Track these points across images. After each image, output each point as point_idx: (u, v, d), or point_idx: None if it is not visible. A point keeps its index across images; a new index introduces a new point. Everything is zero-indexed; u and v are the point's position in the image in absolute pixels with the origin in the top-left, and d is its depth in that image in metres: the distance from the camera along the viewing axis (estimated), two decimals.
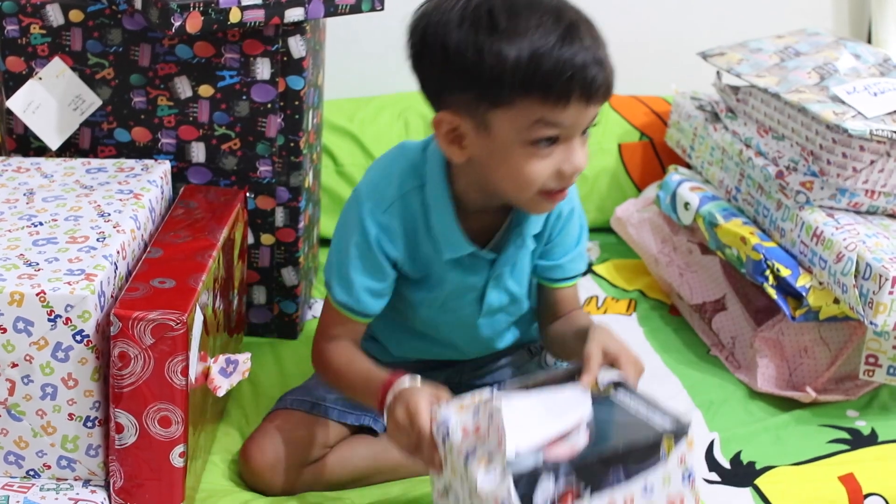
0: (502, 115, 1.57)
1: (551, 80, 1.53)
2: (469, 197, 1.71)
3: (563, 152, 1.59)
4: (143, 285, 1.65)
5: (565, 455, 1.44)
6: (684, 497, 1.51)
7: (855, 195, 2.07)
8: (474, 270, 1.76)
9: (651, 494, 1.48)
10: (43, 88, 2.01)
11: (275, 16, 1.93)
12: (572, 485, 1.44)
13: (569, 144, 1.59)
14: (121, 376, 1.59)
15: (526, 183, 1.60)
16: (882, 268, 1.90)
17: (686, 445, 1.49)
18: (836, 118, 2.00)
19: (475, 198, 1.71)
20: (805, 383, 2.10)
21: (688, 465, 1.50)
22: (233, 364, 1.75)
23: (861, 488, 1.86)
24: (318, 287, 2.43)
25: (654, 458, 1.47)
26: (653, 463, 1.47)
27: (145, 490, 1.65)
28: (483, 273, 1.77)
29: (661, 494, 1.49)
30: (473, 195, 1.70)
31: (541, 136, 1.57)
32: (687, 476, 1.50)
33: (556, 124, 1.56)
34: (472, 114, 1.59)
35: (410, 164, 1.74)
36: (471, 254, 1.73)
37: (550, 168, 1.59)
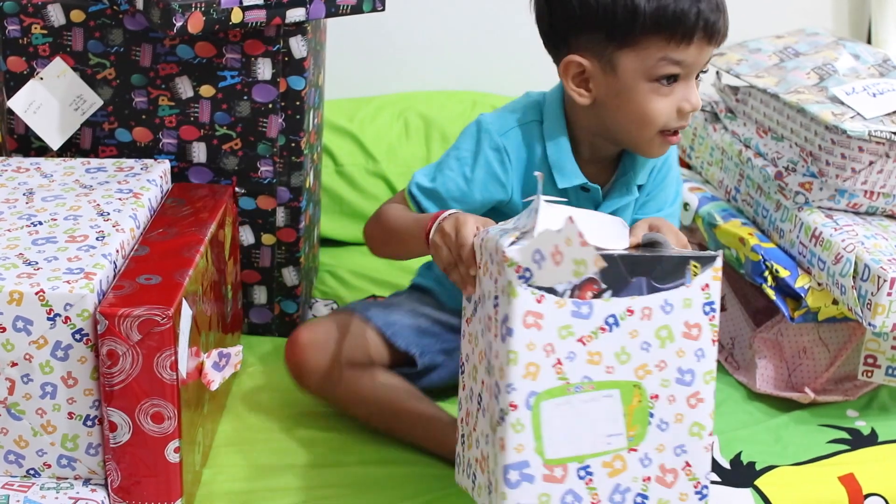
0: (629, 54, 1.73)
1: (678, 21, 1.70)
2: (583, 143, 1.85)
3: (682, 90, 1.75)
4: (129, 283, 1.65)
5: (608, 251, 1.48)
6: (702, 327, 1.52)
7: (854, 196, 2.06)
8: (580, 205, 1.78)
9: (669, 313, 1.51)
10: (44, 88, 2.01)
11: (276, 16, 1.93)
12: (595, 279, 1.47)
13: (687, 83, 1.76)
14: (110, 374, 1.60)
15: (649, 119, 1.75)
16: (880, 269, 1.90)
17: (711, 273, 1.51)
18: (834, 119, 2.00)
19: (590, 143, 1.85)
20: (804, 384, 2.10)
21: (711, 294, 1.52)
22: (225, 357, 1.76)
23: (861, 488, 1.86)
24: (318, 287, 2.44)
25: (679, 278, 1.50)
26: (677, 282, 1.50)
27: (143, 487, 1.65)
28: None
29: (679, 315, 1.51)
30: (589, 140, 1.85)
31: (664, 73, 1.73)
32: (708, 306, 1.52)
33: (679, 62, 1.73)
34: (600, 55, 1.74)
35: (533, 102, 1.88)
36: (581, 187, 1.85)
37: (671, 105, 1.75)
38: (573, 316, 1.48)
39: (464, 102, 2.69)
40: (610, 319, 1.49)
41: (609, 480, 1.52)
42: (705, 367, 1.53)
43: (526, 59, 2.61)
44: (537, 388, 1.48)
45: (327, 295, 2.41)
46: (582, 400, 1.50)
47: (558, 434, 1.49)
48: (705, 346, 1.53)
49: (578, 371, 1.49)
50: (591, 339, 1.49)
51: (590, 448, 1.51)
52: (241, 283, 2.15)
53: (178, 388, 1.62)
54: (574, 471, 1.51)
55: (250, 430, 1.94)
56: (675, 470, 1.54)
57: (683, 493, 1.54)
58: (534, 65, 2.03)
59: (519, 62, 2.69)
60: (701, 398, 1.53)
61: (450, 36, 2.79)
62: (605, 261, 1.45)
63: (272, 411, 2.00)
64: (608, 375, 1.50)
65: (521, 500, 1.49)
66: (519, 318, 1.47)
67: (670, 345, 1.52)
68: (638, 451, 1.53)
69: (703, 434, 1.53)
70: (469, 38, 2.80)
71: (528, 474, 1.49)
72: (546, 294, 1.47)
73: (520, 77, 2.28)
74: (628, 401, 1.51)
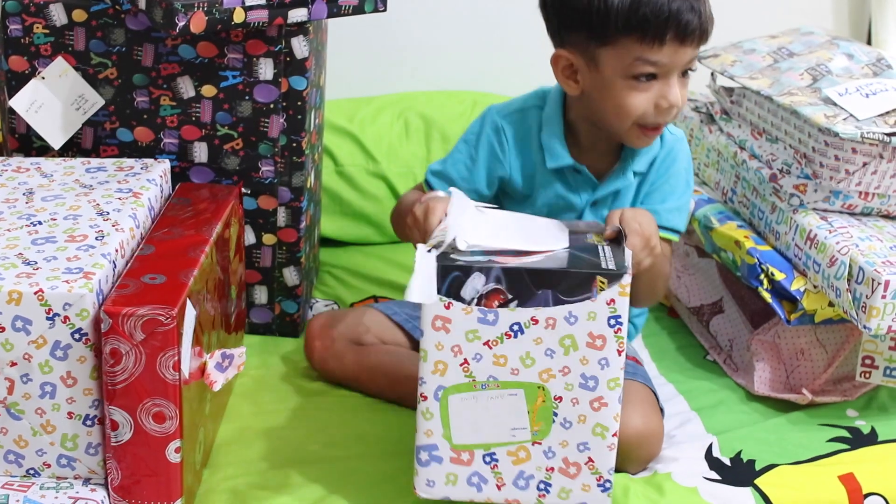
0: (608, 52, 1.81)
1: (648, 23, 1.77)
2: (579, 128, 1.94)
3: (660, 88, 1.82)
4: (134, 282, 1.65)
5: (515, 262, 1.61)
6: (606, 338, 1.61)
7: (848, 197, 2.06)
8: (577, 189, 1.95)
9: (574, 324, 1.60)
10: (46, 88, 2.02)
11: (278, 16, 1.94)
12: (502, 289, 1.60)
13: (666, 81, 1.82)
14: (113, 373, 1.60)
15: (625, 112, 1.83)
16: (874, 272, 1.89)
17: (618, 290, 1.58)
18: (827, 121, 1.99)
19: (585, 129, 1.93)
20: (802, 385, 2.10)
21: (617, 308, 1.59)
22: (228, 358, 1.76)
23: (861, 488, 1.86)
24: (318, 287, 2.44)
25: (585, 292, 1.59)
26: (583, 296, 1.59)
27: (143, 486, 1.66)
28: (585, 195, 1.95)
29: (583, 327, 1.60)
30: (583, 126, 1.93)
31: (640, 72, 1.80)
32: (614, 320, 1.60)
33: (653, 62, 1.79)
34: (584, 51, 1.83)
35: (540, 92, 1.99)
36: (574, 169, 1.93)
37: (648, 101, 1.82)
38: (479, 322, 1.61)
39: (464, 102, 2.69)
40: (515, 327, 1.61)
41: (513, 467, 1.67)
42: (610, 375, 1.63)
43: (526, 59, 2.61)
44: (445, 384, 1.64)
45: (327, 295, 2.41)
46: (488, 396, 1.64)
47: (465, 424, 1.65)
48: (610, 356, 1.62)
49: (485, 371, 1.63)
50: (496, 344, 1.62)
51: (495, 438, 1.66)
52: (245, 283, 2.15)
53: (181, 388, 1.62)
54: (480, 456, 1.67)
55: (251, 430, 1.94)
56: (578, 464, 1.66)
57: (586, 484, 1.67)
58: (533, 65, 2.04)
59: (519, 62, 2.69)
60: (605, 402, 1.64)
61: (450, 36, 2.79)
62: (512, 273, 1.59)
63: (273, 411, 2.00)
64: (513, 377, 1.64)
65: (430, 476, 1.68)
66: (428, 321, 1.62)
67: (574, 353, 1.62)
68: (542, 445, 1.66)
69: (606, 434, 1.65)
70: (469, 38, 2.80)
71: (437, 456, 1.67)
72: (454, 301, 1.61)
73: (520, 77, 2.28)
74: (532, 400, 1.64)
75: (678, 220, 1.96)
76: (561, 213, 1.95)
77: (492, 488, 1.69)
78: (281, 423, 1.96)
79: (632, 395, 1.88)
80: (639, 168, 1.95)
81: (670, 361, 2.22)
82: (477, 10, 2.79)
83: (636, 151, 1.94)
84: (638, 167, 1.95)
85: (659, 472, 1.86)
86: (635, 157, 1.94)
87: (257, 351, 2.17)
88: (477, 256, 1.62)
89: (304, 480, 1.82)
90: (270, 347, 2.19)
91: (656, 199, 1.96)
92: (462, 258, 1.62)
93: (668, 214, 1.94)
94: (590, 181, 1.95)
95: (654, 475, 1.86)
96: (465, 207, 1.71)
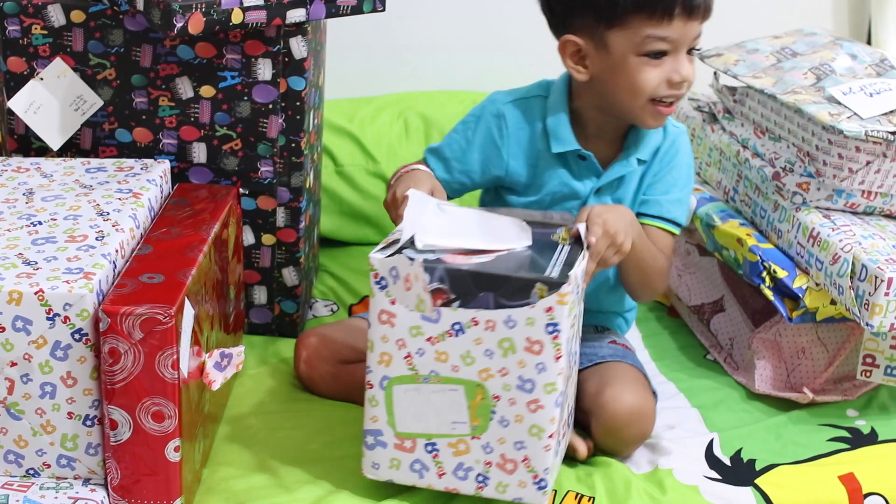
0: (617, 33, 1.85)
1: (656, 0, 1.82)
2: (587, 114, 1.96)
3: (671, 63, 1.86)
4: (132, 281, 1.65)
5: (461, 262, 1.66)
6: (544, 344, 1.65)
7: (851, 196, 2.06)
8: (581, 176, 1.97)
9: (513, 328, 1.64)
10: (44, 89, 2.01)
11: (276, 17, 1.93)
12: (445, 289, 1.65)
13: (676, 56, 1.86)
14: (112, 372, 1.60)
15: (639, 89, 1.86)
16: (877, 269, 1.90)
17: (556, 298, 1.62)
18: (831, 119, 2.00)
19: (592, 116, 1.95)
20: (803, 384, 2.10)
21: (555, 317, 1.63)
22: (227, 357, 1.76)
23: (861, 487, 1.87)
24: (318, 287, 2.44)
25: (524, 298, 1.63)
26: (522, 302, 1.63)
27: (142, 486, 1.66)
28: (589, 182, 1.97)
29: (521, 331, 1.64)
30: (591, 113, 1.95)
31: (651, 49, 1.84)
32: (552, 327, 1.64)
33: (664, 38, 1.84)
34: (592, 35, 1.87)
35: (544, 82, 2.01)
36: (579, 155, 1.95)
37: (661, 76, 1.86)
38: (423, 319, 1.67)
39: (464, 102, 2.68)
40: (456, 326, 1.66)
41: (453, 458, 1.73)
42: (546, 380, 1.67)
43: (526, 59, 2.61)
44: (389, 374, 1.71)
45: (327, 295, 2.41)
46: (430, 390, 1.70)
47: (407, 413, 1.72)
48: (547, 361, 1.66)
49: (427, 365, 1.69)
50: (438, 341, 1.68)
51: (436, 429, 1.72)
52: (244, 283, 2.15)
53: (179, 388, 1.62)
54: (422, 445, 1.73)
55: (250, 430, 1.94)
56: (514, 461, 1.71)
57: (522, 481, 1.72)
58: (533, 65, 2.04)
59: (519, 62, 2.69)
60: (541, 405, 1.68)
61: (450, 36, 2.79)
62: (455, 274, 1.64)
63: (273, 411, 2.00)
64: (454, 373, 1.69)
65: (375, 459, 1.75)
66: (375, 315, 1.69)
67: (512, 355, 1.66)
68: (481, 440, 1.71)
69: (542, 435, 1.69)
70: (469, 38, 2.80)
71: (382, 441, 1.74)
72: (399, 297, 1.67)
73: (520, 77, 2.27)
74: (472, 397, 1.69)
75: (679, 213, 1.98)
76: (564, 202, 1.97)
77: (433, 476, 1.75)
78: (281, 422, 1.96)
79: (622, 374, 1.92)
80: (643, 156, 1.97)
81: (671, 361, 2.22)
82: (477, 10, 2.79)
83: (640, 139, 1.96)
84: (642, 155, 1.97)
85: (661, 468, 1.86)
86: (639, 145, 1.96)
87: (257, 351, 2.17)
88: (426, 255, 1.68)
89: (304, 480, 1.82)
90: (270, 347, 2.19)
91: (659, 189, 1.98)
92: (411, 256, 1.67)
93: (671, 206, 1.97)
94: (594, 168, 1.96)
95: (656, 471, 1.86)
96: (424, 206, 1.75)
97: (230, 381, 2.02)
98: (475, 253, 1.70)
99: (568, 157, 1.96)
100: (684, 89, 1.88)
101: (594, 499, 1.81)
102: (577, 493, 1.82)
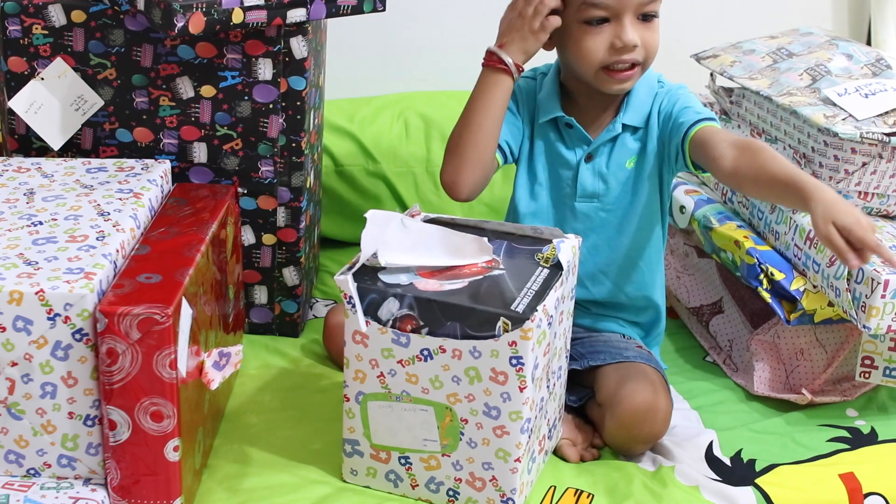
0: (565, 3, 1.91)
1: None
2: (571, 85, 2.02)
3: (613, 29, 1.90)
4: (130, 281, 1.66)
5: (431, 290, 1.70)
6: (508, 375, 1.68)
7: (848, 197, 2.06)
8: (571, 144, 2.03)
9: (478, 358, 1.68)
10: (45, 89, 2.02)
11: (277, 16, 1.94)
12: (414, 316, 1.69)
13: (619, 22, 1.90)
14: (110, 373, 1.60)
15: (586, 57, 1.92)
16: (874, 272, 1.90)
17: (520, 333, 1.65)
18: (826, 121, 2.00)
19: (575, 86, 2.01)
20: (802, 385, 2.10)
21: (519, 351, 1.66)
22: (225, 357, 1.76)
23: (861, 487, 1.87)
24: (318, 287, 2.44)
25: (489, 330, 1.67)
26: (487, 334, 1.67)
27: (142, 486, 1.66)
28: (579, 150, 2.02)
29: (486, 362, 1.68)
30: (573, 83, 2.01)
31: (590, 16, 1.90)
32: (515, 360, 1.67)
33: (599, 5, 1.89)
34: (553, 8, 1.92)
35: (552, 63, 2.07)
36: (567, 124, 2.01)
37: (603, 43, 1.91)
38: (393, 342, 1.72)
39: (464, 102, 2.67)
40: (425, 352, 1.71)
41: (426, 472, 1.78)
42: (511, 408, 1.70)
43: None
44: (364, 390, 1.76)
45: (327, 295, 2.41)
46: (402, 408, 1.75)
47: (381, 427, 1.77)
48: (511, 391, 1.69)
49: (398, 385, 1.74)
50: (409, 364, 1.72)
51: (408, 444, 1.77)
52: (243, 283, 2.15)
53: (178, 387, 1.62)
54: (396, 457, 1.78)
55: (251, 430, 1.95)
56: (483, 479, 1.75)
57: (491, 498, 1.76)
58: (533, 64, 2.03)
59: None
60: (507, 431, 1.71)
61: (450, 36, 2.79)
62: (423, 303, 1.68)
63: (272, 411, 2.00)
64: (424, 395, 1.73)
65: (353, 466, 1.81)
66: (349, 334, 1.74)
67: (478, 383, 1.70)
68: (451, 457, 1.76)
69: (508, 458, 1.73)
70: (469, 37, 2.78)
71: (359, 450, 1.80)
72: (371, 320, 1.71)
73: None
74: (441, 418, 1.74)
75: (702, 110, 1.98)
76: (559, 170, 2.03)
77: (407, 486, 1.80)
78: (281, 422, 1.96)
79: (643, 373, 1.93)
80: (631, 121, 2.00)
81: (670, 362, 2.22)
82: (477, 10, 2.78)
83: (628, 105, 2.00)
84: (630, 120, 2.00)
85: (661, 468, 1.87)
86: (627, 110, 2.00)
87: (257, 351, 2.17)
88: (398, 277, 1.73)
89: (304, 480, 1.82)
90: (270, 347, 2.19)
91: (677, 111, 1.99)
92: (385, 279, 1.73)
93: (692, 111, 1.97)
94: (582, 136, 2.01)
95: (657, 470, 1.87)
96: (386, 223, 1.79)
97: (230, 381, 2.03)
98: (447, 272, 1.75)
99: (559, 127, 2.02)
100: (636, 54, 1.91)
101: (594, 496, 1.81)
102: (577, 490, 1.82)
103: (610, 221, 2.03)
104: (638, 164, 2.01)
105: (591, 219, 2.03)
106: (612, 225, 2.03)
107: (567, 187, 2.03)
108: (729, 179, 1.87)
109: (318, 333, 2.23)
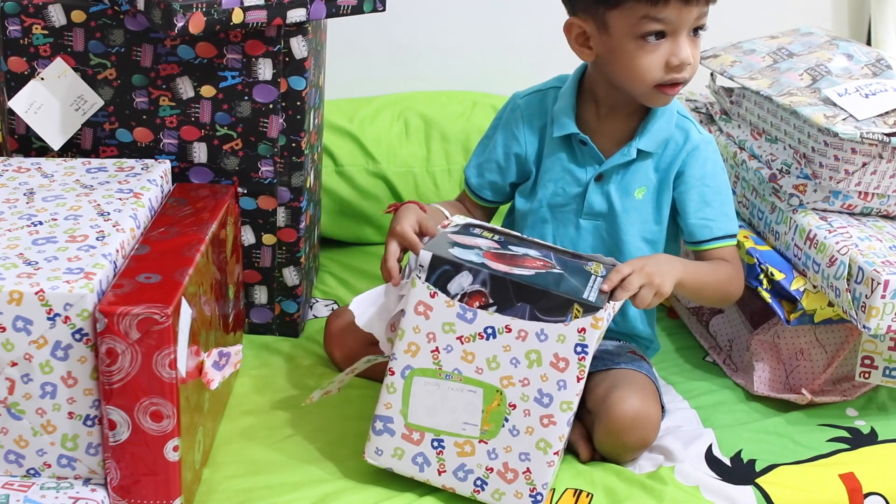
0: (616, 14, 1.85)
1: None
2: (599, 90, 1.97)
3: (669, 46, 1.86)
4: (129, 281, 1.66)
5: (503, 270, 1.71)
6: (569, 362, 1.70)
7: (848, 197, 2.06)
8: (583, 163, 2.00)
9: (543, 341, 1.70)
10: (45, 89, 2.02)
11: (277, 16, 1.94)
12: (485, 293, 1.70)
13: (675, 39, 1.86)
14: (109, 373, 1.60)
15: (639, 75, 1.87)
16: (874, 272, 1.89)
17: (591, 322, 1.68)
18: (826, 121, 2.00)
19: (605, 92, 1.97)
20: (802, 385, 2.10)
21: (586, 339, 1.68)
22: (225, 357, 1.77)
23: (861, 487, 1.87)
24: (318, 287, 2.44)
25: (560, 315, 1.69)
26: (557, 318, 1.69)
27: (142, 486, 1.66)
28: (591, 168, 1.99)
29: (551, 346, 1.70)
30: (603, 88, 1.96)
31: (648, 30, 1.84)
32: (580, 347, 1.69)
33: (660, 20, 1.83)
34: (594, 16, 1.88)
35: (561, 76, 2.04)
36: (580, 140, 1.97)
37: (659, 61, 1.86)
38: (458, 317, 1.72)
39: (464, 102, 2.69)
40: (489, 330, 1.71)
41: (457, 458, 1.76)
42: (564, 397, 1.71)
43: (526, 59, 2.62)
44: (413, 365, 1.75)
45: (327, 295, 2.41)
46: (449, 387, 1.74)
47: (422, 406, 1.75)
48: (569, 379, 1.71)
49: (452, 363, 1.74)
50: (468, 341, 1.73)
51: (446, 427, 1.75)
52: (243, 283, 2.15)
53: (178, 387, 1.62)
54: (429, 439, 1.76)
55: (251, 430, 1.95)
56: (516, 471, 1.75)
57: (519, 492, 1.75)
58: (533, 65, 2.05)
59: (519, 62, 2.70)
60: (554, 421, 1.72)
61: (450, 36, 2.79)
62: (498, 280, 1.69)
63: (272, 411, 2.00)
64: (476, 375, 1.73)
65: (379, 445, 1.78)
66: (412, 305, 1.73)
67: (537, 368, 1.71)
68: (488, 444, 1.75)
69: (548, 451, 1.73)
70: (469, 38, 2.80)
71: (391, 428, 1.77)
72: (439, 292, 1.72)
73: (520, 77, 2.28)
74: (489, 401, 1.73)
75: (729, 225, 1.99)
76: (567, 188, 2.00)
77: (433, 472, 1.78)
78: (282, 422, 1.97)
79: (633, 380, 1.92)
80: (646, 147, 1.97)
81: (670, 363, 2.22)
82: (477, 10, 2.79)
83: (646, 129, 1.96)
84: (645, 146, 1.97)
85: (661, 468, 1.87)
86: (644, 135, 1.96)
87: (257, 351, 2.17)
88: (469, 253, 1.74)
89: (305, 480, 1.82)
90: (270, 347, 2.19)
91: (694, 207, 1.98)
92: (457, 253, 1.73)
93: (717, 224, 1.98)
94: (595, 155, 1.98)
95: (660, 469, 1.87)
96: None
97: (230, 381, 2.03)
98: (513, 260, 1.76)
99: (572, 143, 1.99)
100: (686, 72, 1.89)
101: (593, 496, 1.81)
102: (576, 490, 1.82)
103: (613, 243, 2.01)
104: (647, 197, 1.99)
105: (595, 237, 2.02)
106: (615, 247, 2.01)
107: (575, 203, 2.01)
108: None
109: (318, 333, 2.23)
